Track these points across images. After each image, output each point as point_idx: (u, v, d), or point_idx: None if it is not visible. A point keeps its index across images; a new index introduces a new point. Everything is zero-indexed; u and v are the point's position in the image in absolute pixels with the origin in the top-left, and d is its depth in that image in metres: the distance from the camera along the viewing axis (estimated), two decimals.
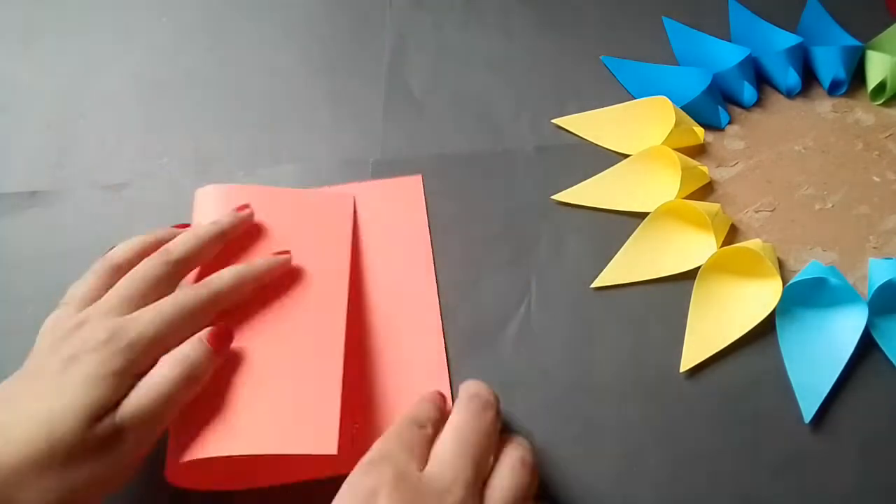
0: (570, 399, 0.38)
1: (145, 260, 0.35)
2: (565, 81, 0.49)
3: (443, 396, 0.34)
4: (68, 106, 0.49)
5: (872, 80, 0.47)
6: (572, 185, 0.44)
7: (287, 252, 0.39)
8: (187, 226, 0.39)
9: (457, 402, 0.32)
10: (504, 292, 0.41)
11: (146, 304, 0.33)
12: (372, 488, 0.28)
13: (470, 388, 0.33)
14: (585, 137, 0.47)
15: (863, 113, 0.47)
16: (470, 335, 0.40)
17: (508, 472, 0.30)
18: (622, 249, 0.42)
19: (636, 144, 0.45)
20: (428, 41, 0.52)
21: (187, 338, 0.33)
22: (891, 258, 0.41)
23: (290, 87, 0.50)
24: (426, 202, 0.44)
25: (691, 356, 0.39)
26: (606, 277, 0.41)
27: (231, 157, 0.47)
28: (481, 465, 0.30)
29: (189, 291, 0.34)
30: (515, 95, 0.49)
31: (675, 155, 0.43)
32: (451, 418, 0.31)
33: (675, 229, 0.42)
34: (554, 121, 0.48)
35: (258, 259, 0.38)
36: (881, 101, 0.47)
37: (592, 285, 0.41)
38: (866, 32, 0.49)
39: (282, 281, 0.38)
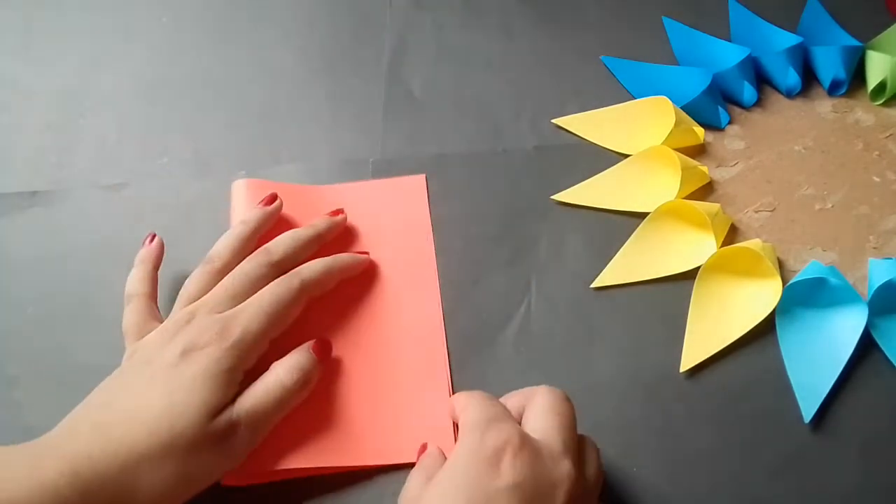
0: (569, 399, 0.38)
1: (248, 259, 0.37)
2: (565, 81, 0.49)
3: None
4: (68, 106, 0.49)
5: (872, 81, 0.47)
6: (572, 185, 0.45)
7: (366, 253, 0.41)
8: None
9: (534, 392, 0.33)
10: (504, 292, 0.41)
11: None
12: (496, 448, 0.28)
13: (544, 387, 0.33)
14: (585, 137, 0.47)
15: (863, 113, 0.47)
16: (470, 335, 0.40)
17: (593, 455, 0.32)
18: (622, 249, 0.42)
19: (636, 144, 0.45)
20: (428, 41, 0.52)
21: (284, 327, 0.36)
22: (891, 258, 0.41)
23: (291, 87, 0.50)
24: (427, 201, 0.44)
25: (691, 356, 0.39)
26: (606, 277, 0.41)
27: (231, 157, 0.46)
28: (576, 445, 0.31)
29: (283, 283, 0.36)
30: (515, 95, 0.49)
31: (675, 155, 0.43)
32: (536, 400, 0.32)
33: (675, 229, 0.42)
34: (554, 121, 0.48)
35: (343, 255, 0.40)
36: (881, 102, 0.47)
37: (592, 285, 0.41)
38: (866, 32, 0.49)
39: (375, 279, 0.41)
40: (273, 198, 0.41)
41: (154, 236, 0.40)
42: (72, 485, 0.28)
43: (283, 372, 0.34)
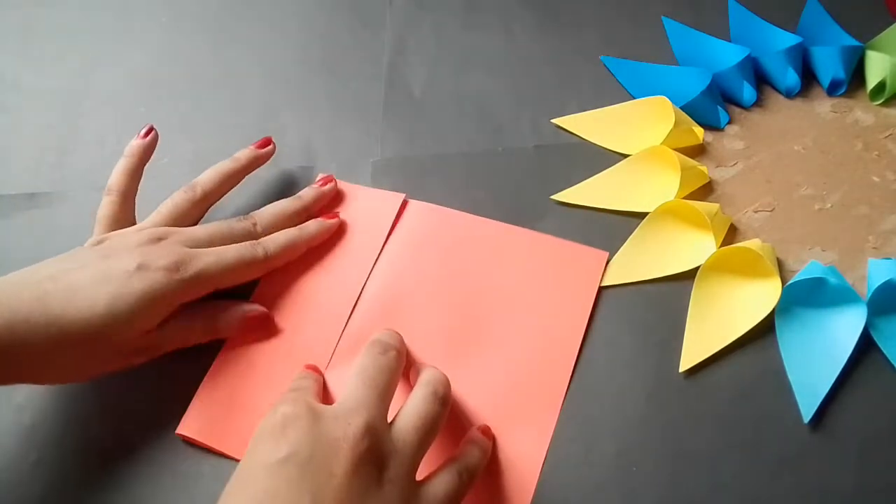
0: (569, 399, 0.38)
1: (238, 219, 0.40)
2: (565, 81, 0.49)
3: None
4: (68, 106, 0.49)
5: (872, 81, 0.47)
6: (572, 185, 0.45)
7: (335, 216, 0.42)
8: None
9: (365, 347, 0.35)
10: None
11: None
12: (281, 424, 0.29)
13: (373, 336, 0.36)
14: (585, 137, 0.47)
15: (862, 113, 0.47)
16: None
17: (419, 401, 0.32)
18: (621, 249, 0.42)
19: (636, 144, 0.45)
20: (428, 41, 0.52)
21: (232, 286, 0.39)
22: (890, 258, 0.41)
23: (291, 87, 0.50)
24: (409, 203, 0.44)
25: (691, 356, 0.39)
26: (606, 277, 0.41)
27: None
28: (384, 395, 0.32)
29: (249, 248, 0.39)
30: (515, 95, 0.49)
31: (675, 155, 0.43)
32: (354, 364, 0.34)
33: (675, 229, 0.42)
34: (554, 121, 0.48)
35: (311, 222, 0.42)
36: (881, 101, 0.47)
37: None
38: (866, 32, 0.49)
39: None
40: (266, 142, 0.43)
41: (151, 129, 0.42)
42: (1, 337, 0.31)
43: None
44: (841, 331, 0.38)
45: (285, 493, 0.27)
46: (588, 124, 0.47)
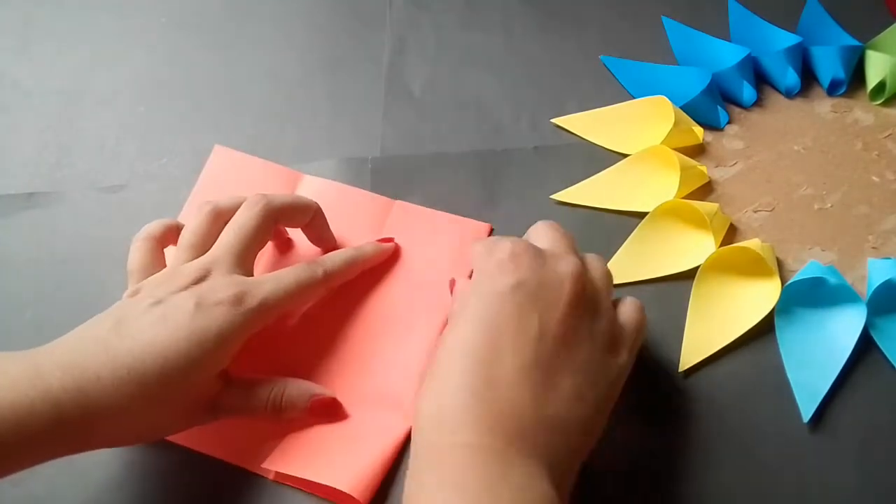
0: None
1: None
2: (565, 81, 0.49)
3: None
4: (67, 106, 0.49)
5: (872, 80, 0.47)
6: (572, 185, 0.45)
7: (391, 240, 0.42)
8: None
9: (534, 226, 0.37)
10: None
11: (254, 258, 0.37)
12: (499, 259, 0.32)
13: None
14: (585, 137, 0.47)
15: (862, 113, 0.47)
16: None
17: (597, 262, 0.35)
18: (621, 249, 0.42)
19: (635, 144, 0.45)
20: (428, 41, 0.52)
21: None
22: (890, 258, 0.41)
23: (290, 87, 0.50)
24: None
25: (690, 356, 0.39)
26: None
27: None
28: (576, 251, 0.35)
29: (307, 269, 0.37)
30: (515, 95, 0.49)
31: (674, 155, 0.43)
32: (536, 228, 0.36)
33: (674, 229, 0.42)
34: (554, 121, 0.48)
35: (367, 244, 0.41)
36: (880, 101, 0.47)
37: None
38: (866, 32, 0.49)
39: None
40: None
41: None
42: (75, 400, 0.29)
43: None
44: (840, 331, 0.38)
45: (517, 316, 0.30)
46: (588, 124, 0.47)
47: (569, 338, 0.31)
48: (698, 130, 0.46)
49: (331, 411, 0.37)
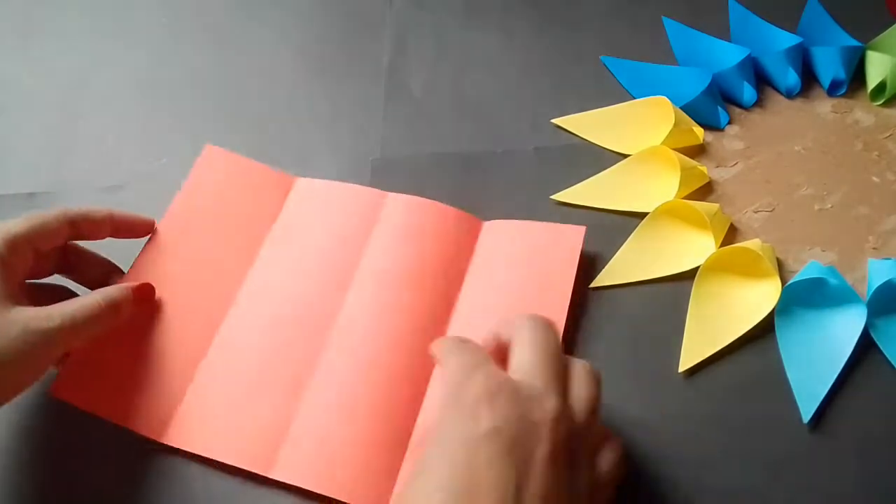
0: None
1: None
2: (565, 81, 0.49)
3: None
4: (68, 106, 0.49)
5: (872, 81, 0.47)
6: (572, 185, 0.45)
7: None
8: None
9: (518, 325, 0.32)
10: None
11: None
12: (474, 398, 0.28)
13: (527, 315, 0.33)
14: (585, 137, 0.47)
15: (862, 113, 0.47)
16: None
17: (584, 381, 0.31)
18: (621, 249, 0.42)
19: (636, 144, 0.45)
20: (428, 41, 0.52)
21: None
22: (890, 259, 0.41)
23: (290, 87, 0.50)
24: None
25: (690, 356, 0.39)
26: (605, 277, 0.41)
27: None
28: (561, 376, 0.31)
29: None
30: (515, 95, 0.49)
31: (675, 155, 0.43)
32: (521, 336, 0.32)
33: (675, 229, 0.42)
34: (554, 121, 0.48)
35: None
36: (881, 102, 0.47)
37: (591, 285, 0.41)
38: (866, 32, 0.49)
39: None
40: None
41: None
42: None
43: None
44: (841, 331, 0.38)
45: (487, 472, 0.27)
46: (588, 124, 0.47)
47: (548, 496, 0.27)
48: (698, 131, 0.46)
49: (149, 295, 0.39)
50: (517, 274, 0.40)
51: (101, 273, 0.40)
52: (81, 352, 0.38)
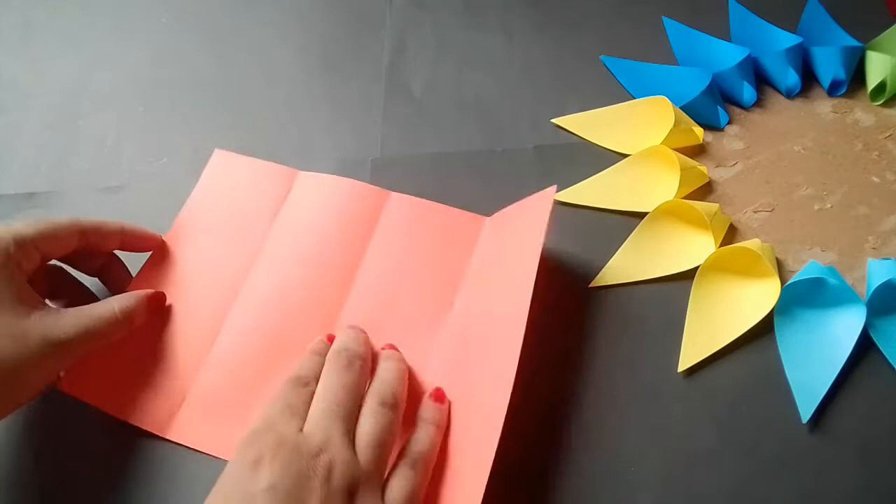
0: (568, 399, 0.38)
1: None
2: (565, 81, 0.49)
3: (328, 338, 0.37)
4: (67, 107, 0.49)
5: (872, 81, 0.47)
6: (572, 185, 0.45)
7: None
8: None
9: (328, 356, 0.35)
10: None
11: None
12: (255, 458, 0.30)
13: (338, 342, 0.35)
14: (585, 137, 0.47)
15: (862, 113, 0.47)
16: None
17: (370, 416, 0.33)
18: (621, 249, 0.42)
19: (635, 144, 0.45)
20: (428, 41, 0.52)
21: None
22: (889, 259, 0.41)
23: (290, 87, 0.50)
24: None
25: (689, 356, 0.39)
26: (605, 277, 0.41)
27: None
28: (349, 418, 0.33)
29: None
30: (515, 95, 0.49)
31: (675, 155, 0.43)
32: (322, 373, 0.34)
33: (674, 229, 0.42)
34: (554, 120, 0.48)
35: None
36: (881, 102, 0.47)
37: (591, 285, 0.41)
38: (866, 32, 0.49)
39: None
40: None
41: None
42: None
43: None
44: (840, 331, 0.38)
45: None
46: (588, 124, 0.47)
47: None
48: (698, 131, 0.46)
49: (161, 304, 0.40)
50: (511, 265, 0.40)
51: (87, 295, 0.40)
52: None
